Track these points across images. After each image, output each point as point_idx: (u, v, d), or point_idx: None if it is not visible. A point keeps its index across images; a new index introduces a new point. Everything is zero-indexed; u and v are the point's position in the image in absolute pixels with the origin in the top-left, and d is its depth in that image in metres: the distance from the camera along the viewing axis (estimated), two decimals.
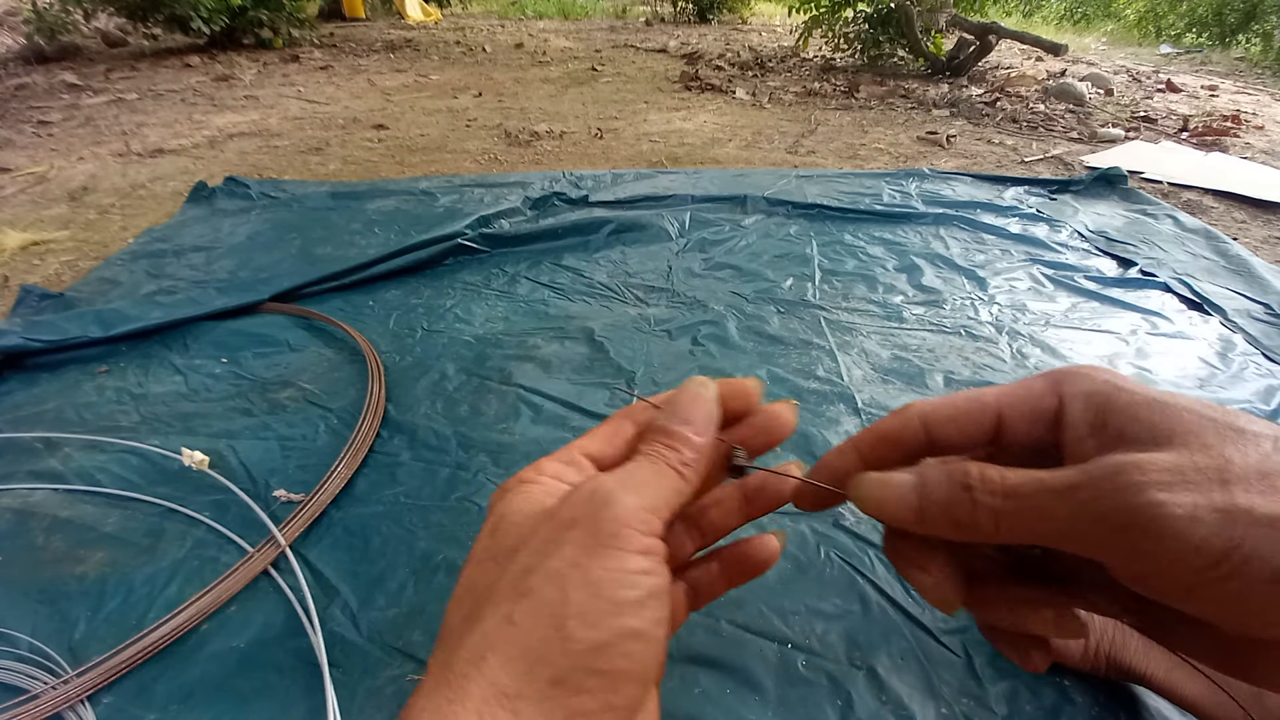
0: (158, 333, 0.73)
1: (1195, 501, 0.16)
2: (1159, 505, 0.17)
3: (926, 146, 1.66)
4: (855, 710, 0.37)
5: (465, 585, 0.22)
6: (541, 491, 0.23)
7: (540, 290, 0.84)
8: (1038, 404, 0.22)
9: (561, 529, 0.20)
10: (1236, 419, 0.18)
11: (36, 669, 0.39)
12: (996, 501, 0.20)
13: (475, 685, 0.18)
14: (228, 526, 0.49)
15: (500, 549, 0.21)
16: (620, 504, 0.20)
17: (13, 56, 2.75)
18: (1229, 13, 4.47)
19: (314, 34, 3.47)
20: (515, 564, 0.20)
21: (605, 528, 0.20)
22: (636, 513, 0.21)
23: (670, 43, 3.64)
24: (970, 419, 0.22)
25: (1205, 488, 0.17)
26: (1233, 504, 0.16)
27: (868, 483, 0.23)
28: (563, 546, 0.20)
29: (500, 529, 0.22)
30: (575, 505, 0.21)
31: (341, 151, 1.55)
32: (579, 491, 0.21)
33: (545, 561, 0.20)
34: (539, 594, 0.19)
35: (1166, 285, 0.87)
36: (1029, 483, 0.19)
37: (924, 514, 0.21)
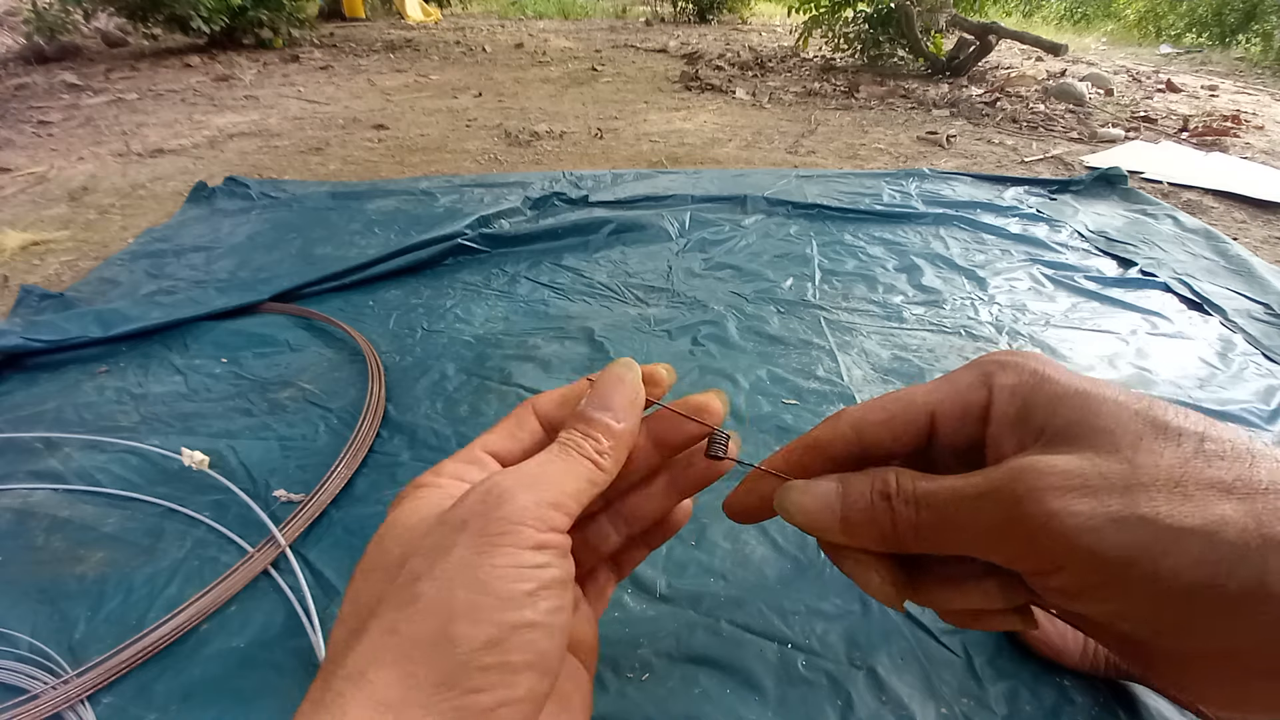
0: (158, 333, 0.73)
1: (1093, 509, 0.16)
2: (1055, 514, 0.16)
3: (926, 146, 1.66)
4: (855, 710, 0.37)
5: (350, 600, 0.20)
6: (438, 495, 0.22)
7: (540, 290, 0.84)
8: (967, 399, 0.21)
9: (452, 531, 0.19)
10: (1162, 413, 0.17)
11: (36, 669, 0.39)
12: (911, 512, 0.19)
13: (353, 703, 0.17)
14: (228, 526, 0.49)
15: (388, 558, 0.20)
16: (513, 502, 0.20)
17: (13, 56, 2.75)
18: (1229, 13, 4.47)
19: (314, 34, 3.47)
20: (405, 571, 0.19)
21: (495, 526, 0.19)
22: (531, 509, 0.20)
23: (670, 43, 3.64)
24: (902, 422, 0.22)
25: (1106, 494, 0.16)
26: (1134, 513, 0.15)
27: (793, 491, 0.22)
28: (452, 550, 0.19)
29: (388, 537, 0.21)
30: (467, 506, 0.20)
31: (341, 151, 1.55)
32: (473, 492, 0.21)
33: (434, 566, 0.19)
34: (424, 599, 0.18)
35: (1166, 285, 0.87)
36: (941, 490, 0.19)
37: (849, 525, 0.21)
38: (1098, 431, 0.17)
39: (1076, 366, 0.70)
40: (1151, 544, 0.15)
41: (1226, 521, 0.15)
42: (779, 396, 0.64)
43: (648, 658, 0.40)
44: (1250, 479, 0.16)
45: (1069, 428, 0.18)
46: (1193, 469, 0.16)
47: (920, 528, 0.19)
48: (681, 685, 0.38)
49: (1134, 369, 0.70)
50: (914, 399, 0.22)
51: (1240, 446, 0.16)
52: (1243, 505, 0.15)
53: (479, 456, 0.24)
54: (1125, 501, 0.16)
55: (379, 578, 0.20)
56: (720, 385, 0.65)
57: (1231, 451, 0.16)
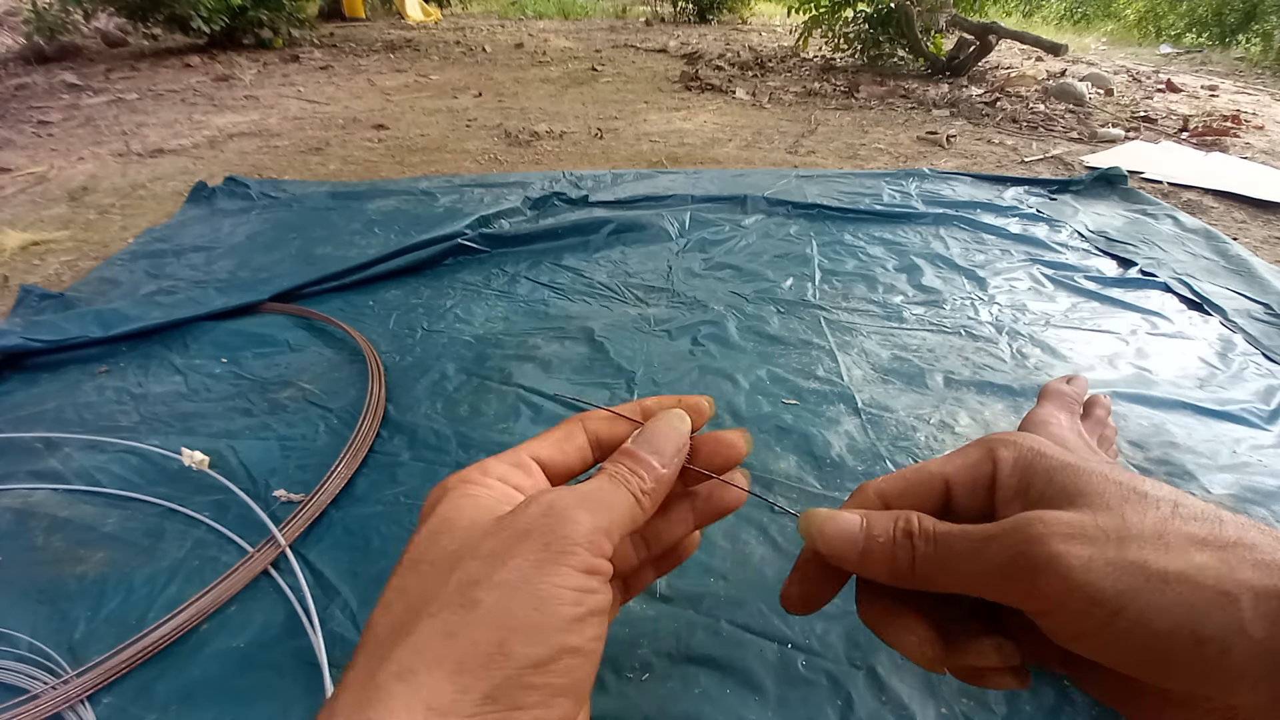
0: (158, 333, 0.73)
1: (1092, 554, 0.18)
2: (1059, 556, 0.18)
3: (926, 146, 1.66)
4: (855, 710, 0.37)
5: (396, 589, 0.20)
6: (489, 496, 0.23)
7: (540, 290, 0.84)
8: (977, 470, 0.23)
9: (514, 540, 0.20)
10: (1140, 484, 0.20)
11: (36, 669, 0.39)
12: (930, 549, 0.21)
13: (400, 701, 0.17)
14: (228, 526, 0.49)
15: (441, 554, 0.21)
16: (576, 521, 0.20)
17: (13, 56, 2.75)
18: (1229, 13, 4.47)
19: (314, 34, 3.47)
20: (460, 572, 0.20)
21: (558, 544, 0.20)
22: (591, 533, 0.21)
23: (670, 43, 3.64)
24: (922, 490, 0.24)
25: (1102, 543, 0.18)
26: (1126, 559, 0.18)
27: (818, 517, 0.24)
28: (512, 558, 0.19)
29: (442, 532, 0.21)
30: (530, 517, 0.21)
31: (341, 151, 1.55)
32: (535, 503, 0.21)
33: (493, 573, 0.19)
34: (483, 607, 0.19)
35: (1166, 285, 0.87)
36: (955, 533, 0.21)
37: (867, 554, 0.22)
38: (1089, 495, 0.20)
39: (1076, 366, 0.70)
40: (1141, 586, 0.18)
41: (1204, 568, 0.18)
42: (779, 396, 0.64)
43: (648, 658, 0.40)
44: (1220, 535, 0.18)
45: (1064, 493, 0.21)
46: (1172, 526, 0.19)
47: (935, 564, 0.21)
48: (681, 685, 0.38)
49: (1134, 369, 0.70)
50: (931, 469, 0.24)
51: (1209, 510, 0.19)
52: (1216, 555, 0.18)
53: (526, 462, 0.25)
54: (1119, 549, 0.18)
55: (430, 573, 0.20)
56: (720, 385, 0.65)
57: (1201, 514, 0.19)
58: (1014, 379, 0.67)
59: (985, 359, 0.71)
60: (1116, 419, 0.60)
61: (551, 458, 0.25)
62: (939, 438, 0.59)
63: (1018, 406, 0.63)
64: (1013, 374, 0.68)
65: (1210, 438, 0.59)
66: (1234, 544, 0.18)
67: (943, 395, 0.65)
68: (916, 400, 0.64)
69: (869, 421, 0.61)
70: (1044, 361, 0.70)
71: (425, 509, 0.23)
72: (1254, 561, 0.17)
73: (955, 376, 0.67)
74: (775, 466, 0.55)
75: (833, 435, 0.59)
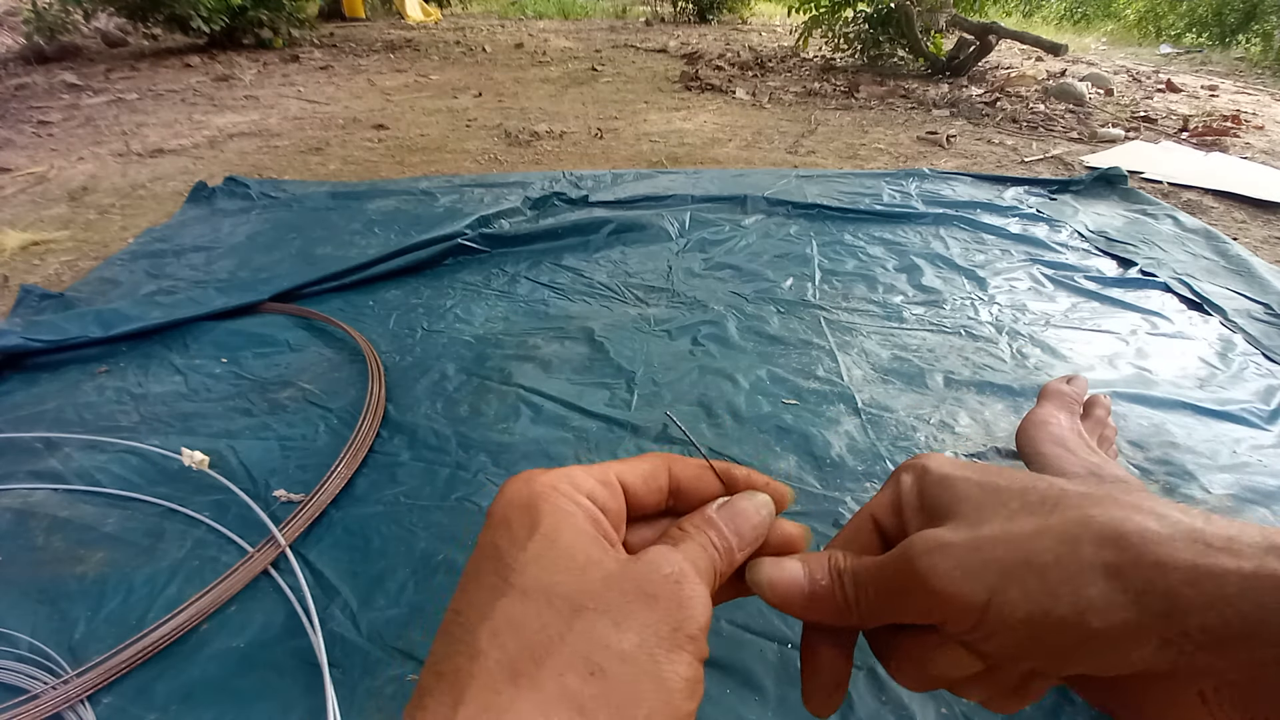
0: (158, 333, 0.73)
1: (951, 562, 0.20)
2: (928, 569, 0.20)
3: (926, 146, 1.66)
4: (855, 710, 0.37)
5: (507, 619, 0.19)
6: (586, 519, 0.22)
7: (540, 290, 0.84)
8: (889, 499, 0.25)
9: (640, 602, 0.19)
10: (997, 478, 0.22)
11: (36, 669, 0.39)
12: (851, 584, 0.23)
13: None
14: (228, 526, 0.49)
15: (554, 587, 0.20)
16: (701, 603, 0.20)
17: (13, 56, 2.75)
18: (1229, 13, 4.47)
19: (314, 34, 3.47)
20: (584, 623, 0.19)
21: (684, 628, 0.19)
22: (706, 618, 0.20)
23: (670, 43, 3.64)
24: (860, 533, 0.25)
25: (959, 550, 0.20)
26: (979, 559, 0.19)
27: (765, 566, 0.24)
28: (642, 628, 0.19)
29: (549, 558, 0.20)
30: (658, 580, 0.20)
31: (341, 151, 1.55)
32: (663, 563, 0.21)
33: (620, 639, 0.19)
34: (609, 679, 0.18)
35: (1166, 285, 0.87)
36: (862, 566, 0.22)
37: (813, 598, 0.23)
38: (955, 505, 0.22)
39: (1076, 366, 0.70)
40: (997, 581, 0.19)
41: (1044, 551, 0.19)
42: (779, 396, 0.64)
43: None
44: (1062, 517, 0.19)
45: (940, 509, 0.22)
46: (1017, 522, 0.20)
47: (860, 600, 0.22)
48: None
49: (1134, 369, 0.70)
50: (863, 510, 0.26)
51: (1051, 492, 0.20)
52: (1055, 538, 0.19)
53: (614, 484, 0.24)
54: (973, 552, 0.20)
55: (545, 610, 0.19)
56: (720, 385, 0.65)
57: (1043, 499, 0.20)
58: (1014, 379, 0.67)
59: (985, 359, 0.71)
60: (1116, 419, 0.60)
61: (635, 489, 0.24)
62: (939, 438, 0.59)
63: (1018, 406, 0.63)
64: (1013, 374, 0.68)
65: (1210, 438, 0.59)
66: (1074, 523, 0.19)
67: (943, 395, 0.65)
68: (916, 400, 0.64)
69: (869, 421, 0.61)
70: (1044, 361, 0.70)
71: (510, 512, 0.22)
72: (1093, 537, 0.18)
73: (955, 376, 0.67)
74: (775, 466, 0.55)
75: (833, 435, 0.59)
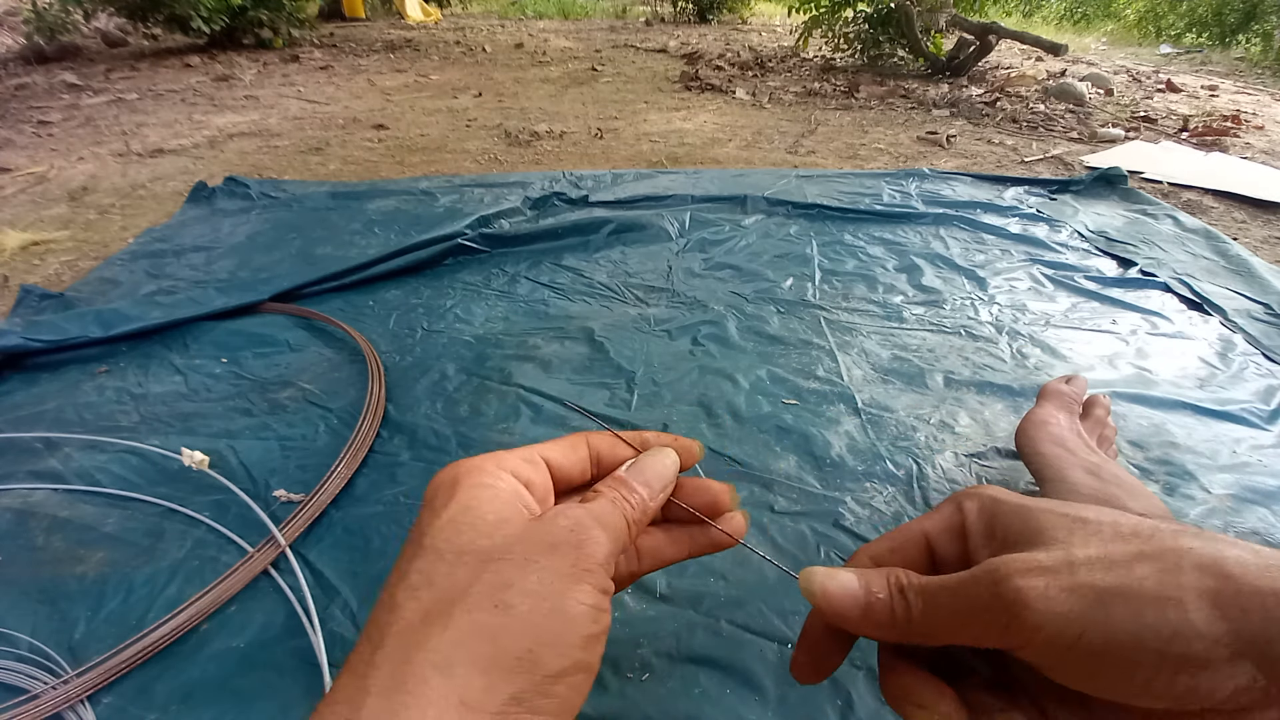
0: (158, 333, 0.73)
1: (1048, 584, 0.20)
2: (1021, 590, 0.20)
3: (926, 146, 1.66)
4: (855, 710, 0.37)
5: (422, 574, 0.21)
6: (507, 491, 0.24)
7: (540, 290, 0.84)
8: (949, 523, 0.25)
9: (544, 550, 0.22)
10: (1083, 511, 0.22)
11: (36, 669, 0.39)
12: (919, 601, 0.23)
13: (437, 693, 0.18)
14: (228, 526, 0.49)
15: (468, 546, 0.22)
16: (598, 543, 0.22)
17: (13, 56, 2.75)
18: (1229, 13, 4.46)
19: (314, 34, 3.47)
20: (491, 572, 0.21)
21: (583, 562, 0.22)
22: (609, 555, 0.23)
23: (670, 43, 3.64)
24: (909, 547, 0.26)
25: (1055, 573, 0.20)
26: (1076, 583, 0.19)
27: (818, 575, 0.25)
28: (543, 569, 0.21)
29: (465, 523, 0.22)
30: (559, 530, 0.22)
31: (341, 151, 1.55)
32: (563, 516, 0.23)
33: (525, 579, 0.21)
34: (516, 612, 0.20)
35: (1166, 285, 0.87)
36: (935, 584, 0.23)
37: (869, 611, 0.23)
38: (1041, 532, 0.22)
39: (1076, 366, 0.70)
40: (1094, 606, 0.19)
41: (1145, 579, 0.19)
42: (779, 396, 0.64)
43: (648, 658, 0.40)
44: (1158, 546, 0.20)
45: (1021, 534, 0.22)
46: (1113, 547, 0.20)
47: (928, 616, 0.23)
48: (681, 685, 0.38)
49: (1134, 369, 0.70)
50: (913, 527, 0.26)
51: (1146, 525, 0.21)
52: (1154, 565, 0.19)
53: (537, 460, 0.26)
54: (1069, 576, 0.20)
55: (458, 565, 0.21)
56: (720, 385, 0.65)
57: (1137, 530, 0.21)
58: (1014, 379, 0.67)
59: (985, 359, 0.71)
60: (1116, 419, 0.60)
61: (558, 463, 0.27)
62: (939, 438, 0.59)
63: (1018, 406, 0.63)
64: (1013, 374, 0.68)
65: (1210, 438, 0.59)
66: (1171, 551, 0.19)
67: (943, 395, 0.65)
68: (916, 400, 0.64)
69: (869, 421, 0.61)
70: (1044, 361, 0.70)
71: (436, 492, 0.24)
72: (1193, 565, 0.19)
73: (955, 376, 0.67)
74: (775, 466, 0.55)
75: (833, 435, 0.59)
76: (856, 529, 0.49)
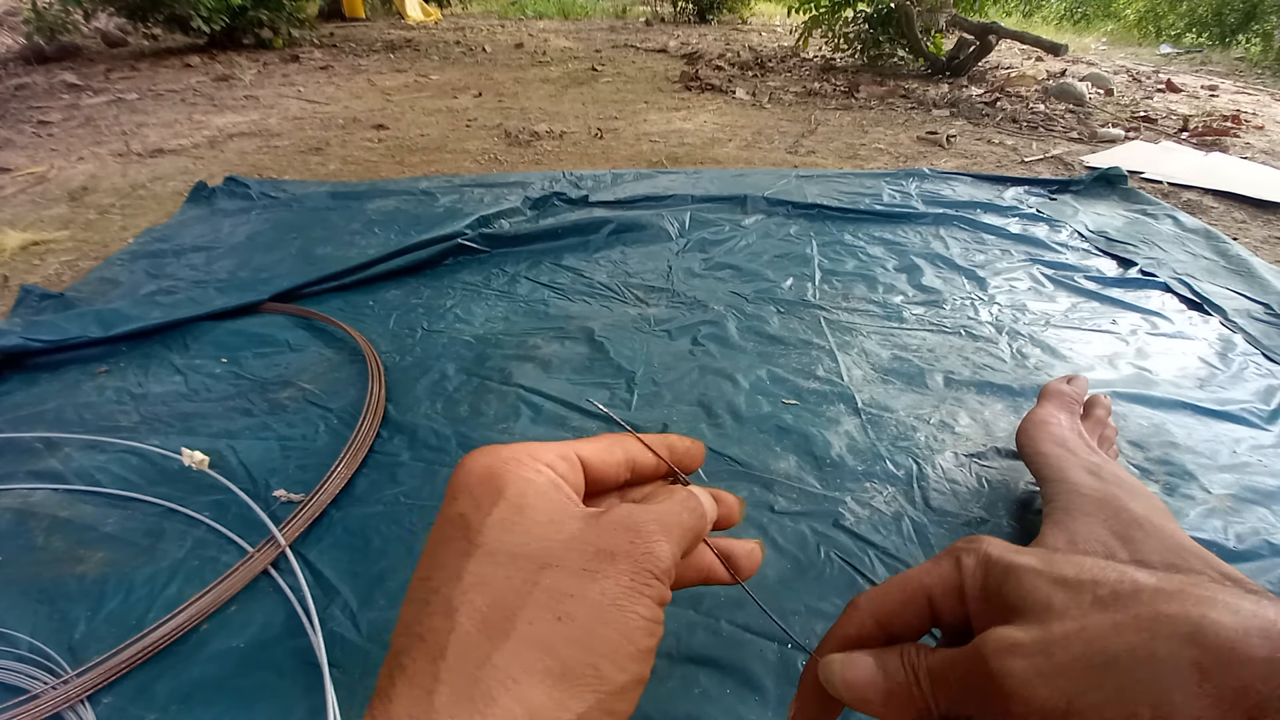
0: (158, 333, 0.73)
1: (1026, 666, 0.20)
2: (1001, 673, 0.20)
3: (926, 146, 1.66)
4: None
5: (478, 578, 0.20)
6: (556, 494, 0.23)
7: (540, 290, 0.84)
8: (948, 581, 0.25)
9: (603, 559, 0.21)
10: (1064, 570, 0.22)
11: (36, 669, 0.39)
12: (927, 683, 0.23)
13: (502, 707, 0.18)
14: (228, 526, 0.49)
15: (521, 549, 0.21)
16: (660, 555, 0.22)
17: (13, 56, 2.75)
18: (1229, 13, 4.46)
19: (314, 34, 3.47)
20: (549, 578, 0.20)
21: (642, 576, 0.21)
22: (668, 564, 0.22)
23: (670, 43, 3.64)
24: (911, 608, 0.25)
25: (1034, 653, 0.20)
26: (1056, 664, 0.19)
27: (836, 664, 0.25)
28: (603, 578, 0.20)
29: (515, 522, 0.21)
30: (619, 539, 0.21)
31: (341, 151, 1.55)
32: (622, 524, 0.22)
33: (585, 589, 0.20)
34: (577, 624, 0.20)
35: (1166, 285, 0.87)
36: (939, 662, 0.23)
37: (890, 698, 0.24)
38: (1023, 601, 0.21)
39: (1076, 366, 0.70)
40: (1078, 686, 0.19)
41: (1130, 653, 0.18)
42: (779, 396, 0.64)
43: None
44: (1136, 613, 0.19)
45: (1010, 601, 0.22)
46: (1091, 619, 0.20)
47: (934, 695, 0.23)
48: (681, 685, 0.38)
49: (1134, 369, 0.70)
50: (913, 586, 0.25)
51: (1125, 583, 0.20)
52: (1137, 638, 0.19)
53: (573, 457, 0.25)
54: (1048, 657, 0.19)
55: (513, 569, 0.20)
56: (720, 385, 0.65)
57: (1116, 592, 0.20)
58: (1014, 379, 0.67)
59: (985, 359, 0.71)
60: (1116, 419, 0.60)
61: (594, 464, 0.26)
62: (939, 438, 0.59)
63: (1018, 406, 0.63)
64: (1013, 374, 0.68)
65: (1210, 438, 0.59)
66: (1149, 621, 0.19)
67: (943, 395, 0.65)
68: (916, 400, 0.64)
69: (869, 421, 0.61)
70: (1044, 361, 0.70)
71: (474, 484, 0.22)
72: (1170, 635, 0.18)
73: (955, 376, 0.67)
74: (775, 466, 0.55)
75: (833, 435, 0.59)
76: (856, 529, 0.49)
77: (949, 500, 0.52)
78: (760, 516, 0.50)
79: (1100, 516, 0.40)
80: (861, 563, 0.46)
